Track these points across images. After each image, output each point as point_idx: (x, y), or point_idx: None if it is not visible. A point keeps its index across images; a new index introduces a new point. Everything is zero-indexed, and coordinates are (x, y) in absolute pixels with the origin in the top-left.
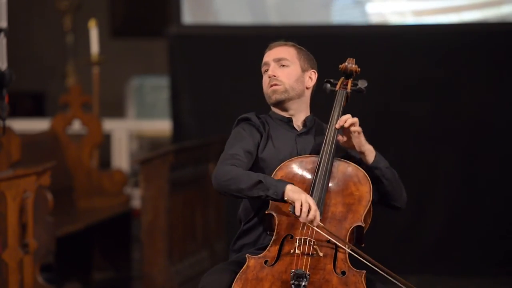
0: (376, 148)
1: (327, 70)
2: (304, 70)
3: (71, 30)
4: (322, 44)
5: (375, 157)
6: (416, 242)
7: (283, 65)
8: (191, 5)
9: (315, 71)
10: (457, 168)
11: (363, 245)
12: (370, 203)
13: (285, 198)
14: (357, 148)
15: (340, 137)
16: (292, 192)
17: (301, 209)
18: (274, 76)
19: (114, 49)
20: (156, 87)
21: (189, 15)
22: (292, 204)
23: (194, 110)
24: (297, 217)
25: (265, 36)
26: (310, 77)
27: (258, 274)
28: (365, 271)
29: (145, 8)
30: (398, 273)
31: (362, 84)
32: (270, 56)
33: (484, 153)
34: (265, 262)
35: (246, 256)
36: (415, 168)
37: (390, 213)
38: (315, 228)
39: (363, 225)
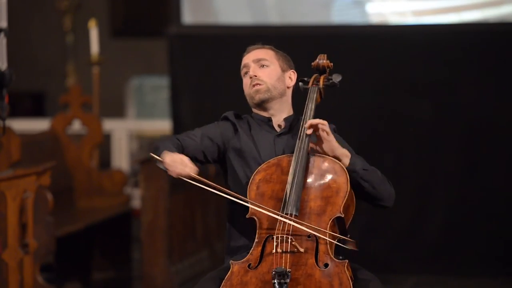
0: (375, 148)
1: None
2: (283, 70)
3: (71, 30)
4: (322, 44)
5: (351, 159)
6: (416, 242)
7: (263, 65)
8: (191, 5)
9: (294, 71)
10: (457, 168)
11: (348, 236)
12: (348, 193)
13: (154, 155)
14: (330, 153)
15: (312, 144)
16: (167, 154)
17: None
18: (256, 76)
19: (114, 49)
20: (156, 87)
21: (189, 15)
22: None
23: (194, 110)
24: (169, 172)
25: (265, 36)
26: (290, 77)
27: (242, 279)
28: (347, 260)
29: (145, 8)
30: (397, 273)
31: (335, 78)
32: (249, 58)
33: (484, 153)
34: (249, 265)
35: (230, 262)
36: (415, 168)
37: (390, 213)
38: (292, 223)
39: (343, 216)
